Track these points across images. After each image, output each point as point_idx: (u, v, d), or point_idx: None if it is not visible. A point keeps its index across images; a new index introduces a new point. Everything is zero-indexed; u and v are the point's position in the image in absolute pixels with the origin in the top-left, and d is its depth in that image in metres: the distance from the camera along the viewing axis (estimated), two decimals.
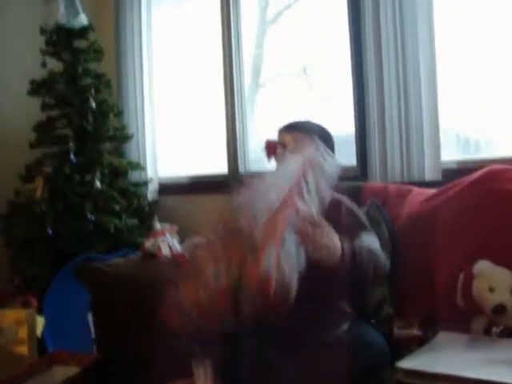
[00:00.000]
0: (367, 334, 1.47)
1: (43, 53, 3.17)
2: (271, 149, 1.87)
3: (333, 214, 1.76)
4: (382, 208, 2.05)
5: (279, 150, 1.85)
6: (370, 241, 1.68)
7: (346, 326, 1.61)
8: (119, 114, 3.33)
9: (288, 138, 1.84)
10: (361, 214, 1.84)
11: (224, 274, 1.40)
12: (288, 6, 3.22)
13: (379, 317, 1.75)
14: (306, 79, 3.15)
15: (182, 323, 1.43)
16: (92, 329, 2.12)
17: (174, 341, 1.52)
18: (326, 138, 1.87)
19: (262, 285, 1.35)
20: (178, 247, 2.15)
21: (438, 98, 2.41)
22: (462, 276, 1.75)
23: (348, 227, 1.72)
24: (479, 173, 1.94)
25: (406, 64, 2.44)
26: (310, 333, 1.53)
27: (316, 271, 1.56)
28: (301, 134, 1.83)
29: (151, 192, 3.38)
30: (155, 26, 3.54)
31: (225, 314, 1.41)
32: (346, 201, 1.84)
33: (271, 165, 1.92)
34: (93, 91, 3.14)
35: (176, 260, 2.11)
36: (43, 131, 3.18)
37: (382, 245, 1.89)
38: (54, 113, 3.18)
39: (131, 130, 3.40)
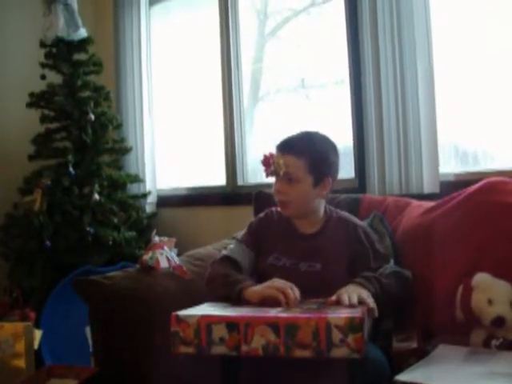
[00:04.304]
0: (366, 349, 1.46)
1: (43, 65, 3.18)
2: (267, 166, 1.85)
3: (352, 240, 1.84)
4: (384, 220, 2.05)
5: (272, 171, 1.84)
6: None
7: None
8: (118, 126, 3.34)
9: (280, 160, 1.81)
10: (378, 244, 1.89)
11: None
12: (287, 20, 3.24)
13: (378, 330, 1.74)
14: (305, 92, 3.16)
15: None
16: (90, 342, 2.11)
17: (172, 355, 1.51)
18: (323, 156, 1.85)
19: None
20: (176, 260, 2.14)
21: (436, 111, 2.41)
22: (460, 288, 1.74)
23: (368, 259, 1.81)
24: (477, 185, 1.94)
25: (404, 77, 2.44)
26: None
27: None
28: (292, 159, 1.80)
29: (150, 204, 3.39)
30: (154, 39, 3.57)
31: None
32: (366, 230, 1.89)
33: (270, 178, 1.89)
34: (92, 104, 3.15)
35: (175, 272, 2.10)
36: (42, 144, 3.18)
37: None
38: (52, 125, 3.19)
39: (130, 142, 3.41)
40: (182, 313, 1.51)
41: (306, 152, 1.81)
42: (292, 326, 1.40)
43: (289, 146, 1.83)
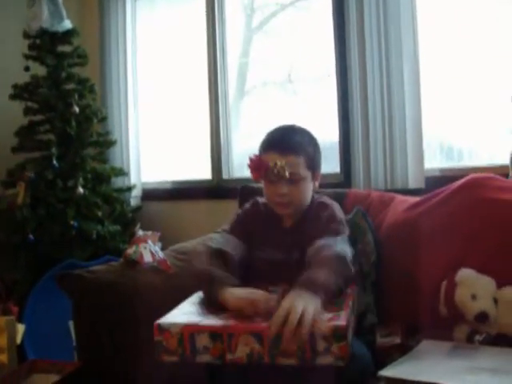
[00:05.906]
0: (351, 346, 1.46)
1: (26, 57, 3.14)
2: (262, 170, 1.74)
3: (314, 216, 1.79)
4: (367, 216, 2.05)
5: (271, 175, 1.74)
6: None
7: None
8: (103, 119, 3.31)
9: (282, 162, 1.72)
10: (340, 223, 1.81)
11: None
12: (274, 14, 3.23)
13: (362, 326, 1.74)
14: (291, 87, 3.16)
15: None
16: (73, 336, 2.10)
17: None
18: (314, 150, 1.82)
19: None
20: (160, 254, 2.13)
21: (422, 106, 2.42)
22: (444, 284, 1.75)
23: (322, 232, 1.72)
24: (462, 181, 1.95)
25: (389, 72, 2.45)
26: None
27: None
28: (294, 159, 1.74)
29: (134, 198, 3.37)
30: (140, 32, 3.54)
31: None
32: (331, 208, 1.85)
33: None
34: (76, 96, 3.12)
35: (159, 266, 2.09)
36: (25, 136, 3.15)
37: (366, 254, 1.91)
38: (36, 117, 3.15)
39: (115, 135, 3.39)
40: (164, 321, 1.46)
41: (302, 149, 1.77)
42: (276, 336, 1.38)
43: (288, 146, 1.76)
